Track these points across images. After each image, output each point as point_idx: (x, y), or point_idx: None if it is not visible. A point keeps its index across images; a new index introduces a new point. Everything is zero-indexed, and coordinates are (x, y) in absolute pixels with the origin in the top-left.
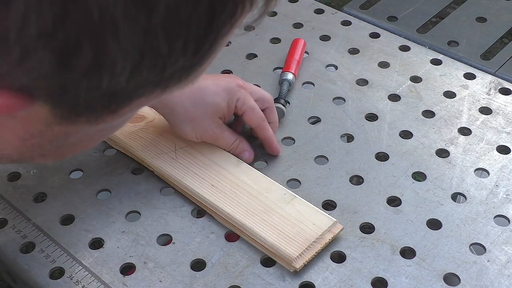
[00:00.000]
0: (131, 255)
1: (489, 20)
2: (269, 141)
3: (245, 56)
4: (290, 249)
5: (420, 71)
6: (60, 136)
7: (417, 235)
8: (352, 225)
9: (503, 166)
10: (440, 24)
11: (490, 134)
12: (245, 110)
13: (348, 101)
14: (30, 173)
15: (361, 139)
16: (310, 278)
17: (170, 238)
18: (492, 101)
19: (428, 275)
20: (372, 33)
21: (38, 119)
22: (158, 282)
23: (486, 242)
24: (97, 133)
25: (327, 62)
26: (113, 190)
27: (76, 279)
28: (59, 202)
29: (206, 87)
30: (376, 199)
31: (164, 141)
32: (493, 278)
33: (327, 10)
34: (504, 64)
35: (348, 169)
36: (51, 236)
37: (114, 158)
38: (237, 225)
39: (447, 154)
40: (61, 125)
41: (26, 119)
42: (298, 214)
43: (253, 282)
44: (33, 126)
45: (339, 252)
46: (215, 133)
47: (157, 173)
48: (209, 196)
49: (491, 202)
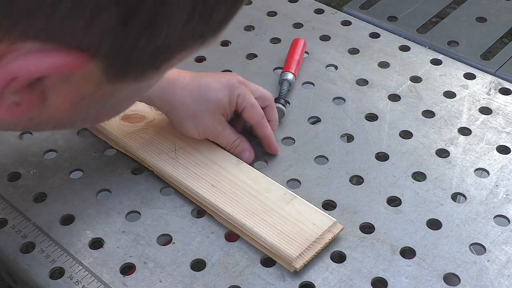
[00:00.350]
0: (131, 255)
1: (489, 20)
2: (268, 139)
3: (245, 56)
4: (290, 249)
5: (420, 71)
6: (106, 97)
7: (417, 235)
8: (352, 225)
9: (503, 166)
10: (440, 24)
11: (490, 134)
12: (245, 107)
13: (348, 101)
14: (30, 173)
15: (361, 139)
16: (310, 278)
17: (170, 238)
18: (492, 101)
19: (428, 275)
20: (372, 33)
21: (92, 80)
22: (158, 282)
23: (486, 242)
24: (134, 93)
25: (327, 62)
26: (113, 190)
27: (76, 279)
28: (59, 202)
29: (207, 84)
30: (376, 199)
31: (164, 141)
32: (493, 278)
33: (327, 10)
34: (504, 64)
35: (348, 169)
36: (51, 236)
37: (114, 158)
38: (237, 225)
39: (447, 154)
40: (110, 85)
41: (80, 81)
42: (298, 214)
43: (253, 282)
44: (86, 87)
45: (339, 252)
46: (216, 130)
47: (157, 173)
48: (209, 196)
49: (491, 202)
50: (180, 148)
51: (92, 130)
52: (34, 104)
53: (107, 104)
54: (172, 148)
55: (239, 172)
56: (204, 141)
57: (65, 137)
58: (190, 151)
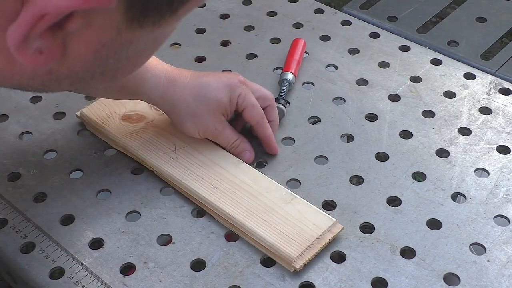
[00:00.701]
0: (131, 255)
1: (489, 20)
2: (268, 139)
3: (245, 56)
4: (290, 249)
5: (420, 71)
6: (124, 45)
7: (417, 235)
8: (352, 225)
9: (503, 166)
10: (440, 24)
11: (490, 134)
12: (246, 107)
13: (348, 101)
14: (30, 173)
15: (361, 139)
16: (310, 278)
17: (170, 238)
18: (492, 101)
19: (428, 275)
20: (372, 33)
21: (113, 24)
22: (158, 282)
23: (486, 242)
24: (151, 43)
25: (327, 62)
26: (113, 190)
27: (76, 279)
28: (59, 202)
29: (208, 83)
30: (376, 199)
31: (164, 141)
32: (493, 278)
33: (327, 10)
34: (504, 64)
35: (348, 169)
36: (51, 236)
37: (114, 158)
38: (237, 225)
39: (447, 154)
40: (129, 30)
41: (102, 25)
42: (298, 214)
43: (253, 282)
44: (107, 32)
45: (339, 252)
46: (217, 130)
47: (157, 173)
48: (209, 196)
49: (491, 202)
50: (180, 148)
51: (92, 130)
52: (56, 53)
53: (125, 56)
54: (172, 148)
55: (239, 172)
56: (204, 141)
57: (65, 137)
58: (190, 151)
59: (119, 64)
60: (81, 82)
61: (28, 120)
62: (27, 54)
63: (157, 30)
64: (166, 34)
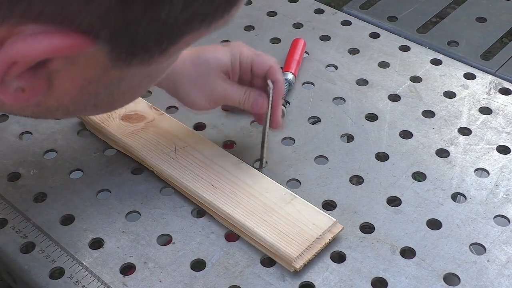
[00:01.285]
0: (131, 255)
1: (489, 20)
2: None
3: None
4: (290, 249)
5: (420, 71)
6: (115, 81)
7: (417, 235)
8: (352, 225)
9: (503, 166)
10: (440, 24)
11: (490, 134)
12: (252, 59)
13: (348, 101)
14: (30, 173)
15: (361, 139)
16: (310, 278)
17: (170, 238)
18: (492, 101)
19: (428, 275)
20: (372, 33)
21: (97, 63)
22: (158, 282)
23: (486, 242)
24: (145, 79)
25: (327, 62)
26: (113, 190)
27: (76, 279)
28: (59, 202)
29: (205, 48)
30: (376, 199)
31: (164, 141)
32: (493, 278)
33: (327, 10)
34: (504, 64)
35: (348, 169)
36: (51, 236)
37: (114, 158)
38: (237, 225)
39: (447, 154)
40: (116, 69)
41: (85, 65)
42: (298, 214)
43: (253, 282)
44: (92, 71)
45: (339, 252)
46: (223, 88)
47: (157, 173)
48: (209, 196)
49: (491, 202)
50: (180, 148)
51: (92, 130)
52: (40, 90)
53: (117, 91)
54: (172, 148)
55: (239, 172)
56: (204, 141)
57: (65, 137)
58: (190, 151)
59: (113, 97)
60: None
61: (28, 120)
62: (7, 93)
63: (149, 68)
64: (163, 69)
